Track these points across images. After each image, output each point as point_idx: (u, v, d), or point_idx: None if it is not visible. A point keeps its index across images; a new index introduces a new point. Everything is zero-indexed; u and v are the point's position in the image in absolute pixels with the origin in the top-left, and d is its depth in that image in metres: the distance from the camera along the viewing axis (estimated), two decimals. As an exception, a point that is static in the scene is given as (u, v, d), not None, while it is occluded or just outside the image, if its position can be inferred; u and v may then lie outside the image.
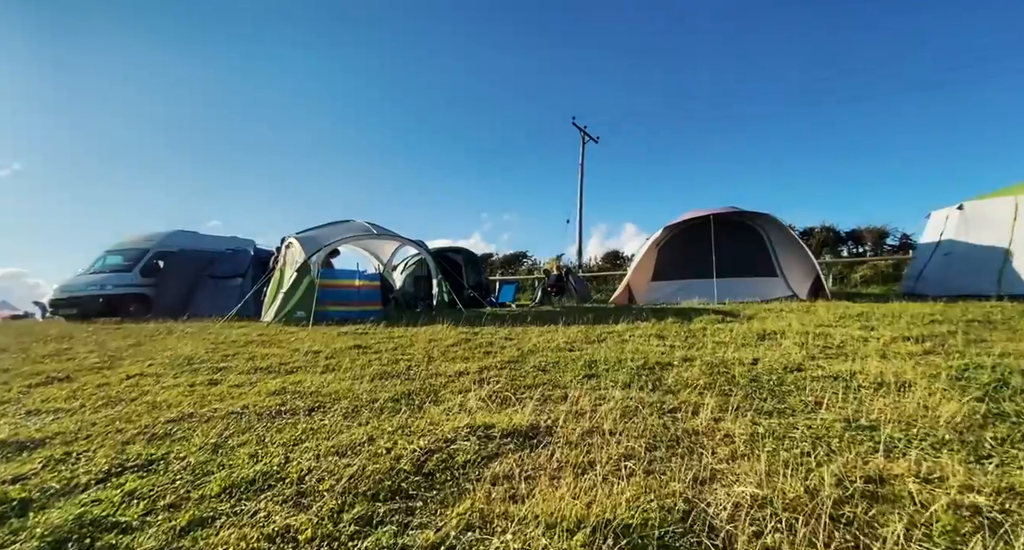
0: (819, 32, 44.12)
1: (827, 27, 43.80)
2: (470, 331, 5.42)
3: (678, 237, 9.27)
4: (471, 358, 3.73)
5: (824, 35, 44.16)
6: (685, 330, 4.75)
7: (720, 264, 8.41)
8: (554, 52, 60.03)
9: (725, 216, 8.73)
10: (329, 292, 7.41)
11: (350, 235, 8.09)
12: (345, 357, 3.94)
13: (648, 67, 56.00)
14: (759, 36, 50.86)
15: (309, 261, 7.37)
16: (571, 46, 59.44)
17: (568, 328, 5.28)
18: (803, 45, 45.20)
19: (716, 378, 2.73)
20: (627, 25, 55.82)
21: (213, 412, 2.43)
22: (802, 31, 44.63)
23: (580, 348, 3.96)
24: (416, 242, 9.29)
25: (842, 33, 44.68)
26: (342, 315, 7.40)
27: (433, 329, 5.71)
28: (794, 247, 8.28)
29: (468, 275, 13.64)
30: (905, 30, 40.95)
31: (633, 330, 4.88)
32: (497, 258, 22.24)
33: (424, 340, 4.79)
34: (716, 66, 51.78)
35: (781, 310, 6.24)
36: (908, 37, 40.14)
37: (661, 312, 6.48)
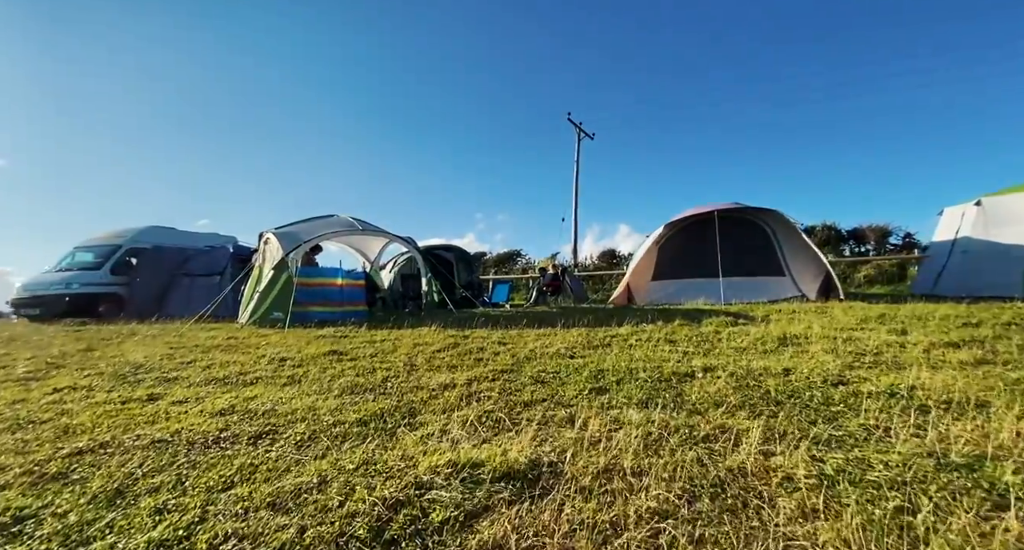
0: (818, 30, 44.12)
1: (826, 26, 43.79)
2: (460, 334, 4.98)
3: (680, 235, 8.89)
4: (459, 367, 3.28)
5: (823, 33, 44.18)
6: (696, 334, 4.34)
7: (725, 263, 8.04)
8: (550, 48, 59.65)
9: (729, 212, 8.37)
10: (309, 291, 6.92)
11: (332, 231, 7.60)
12: (315, 365, 3.48)
13: (645, 64, 55.82)
14: (758, 34, 50.84)
15: (287, 258, 6.87)
16: (567, 43, 59.11)
17: (567, 331, 4.85)
18: (802, 42, 45.19)
19: (748, 393, 2.32)
20: (624, 21, 55.59)
21: (135, 440, 1.97)
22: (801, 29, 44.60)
23: (583, 355, 3.54)
24: (405, 239, 8.82)
25: (843, 32, 44.66)
26: (323, 316, 6.92)
27: (419, 332, 5.26)
28: (801, 245, 7.94)
29: (460, 274, 13.17)
30: (907, 27, 40.85)
31: (639, 334, 4.47)
32: (491, 257, 21.79)
33: (408, 345, 4.33)
34: (713, 64, 51.70)
35: (794, 312, 5.87)
36: (911, 34, 40.03)
37: (666, 313, 6.08)
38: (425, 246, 12.55)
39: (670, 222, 8.87)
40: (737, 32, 49.97)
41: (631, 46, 56.00)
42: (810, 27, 44.30)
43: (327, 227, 7.78)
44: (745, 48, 51.45)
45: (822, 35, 44.55)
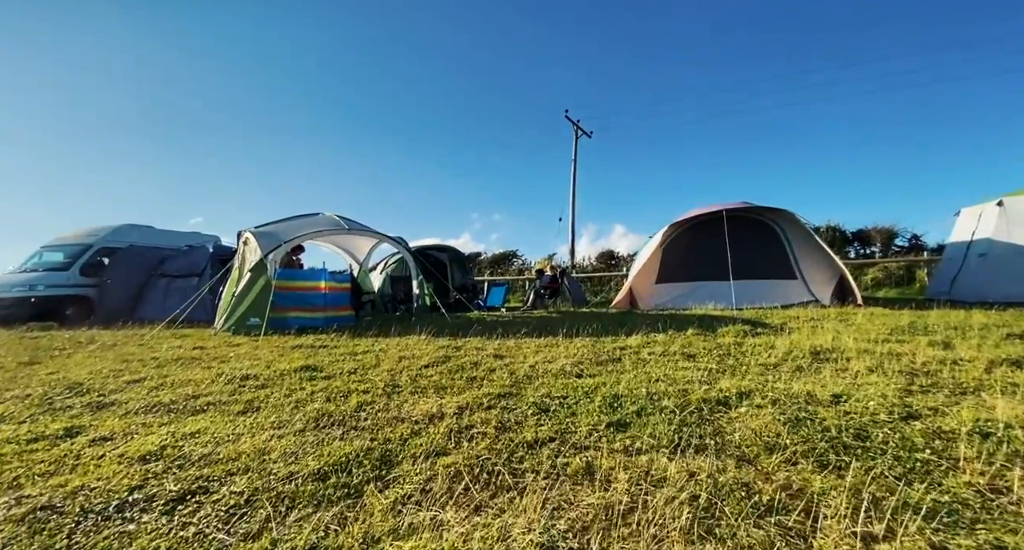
0: (818, 28, 44.02)
1: (827, 23, 43.61)
2: (452, 344, 4.52)
3: (685, 236, 8.49)
4: (449, 388, 2.83)
5: (824, 31, 44.09)
6: (715, 346, 3.92)
7: (734, 265, 7.66)
8: (545, 44, 59.28)
9: (738, 212, 7.98)
10: (289, 296, 6.43)
11: (316, 230, 7.11)
12: (282, 386, 3.01)
13: (641, 61, 55.62)
14: (754, 31, 50.80)
15: (265, 259, 6.38)
16: (563, 40, 58.77)
17: (570, 342, 4.42)
18: (801, 41, 45.09)
19: (803, 432, 1.89)
20: (618, 17, 55.34)
21: (10, 507, 1.49)
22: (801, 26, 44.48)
23: (591, 373, 3.10)
24: (395, 239, 8.34)
25: (845, 30, 44.51)
26: (304, 323, 6.43)
27: (407, 341, 4.80)
28: (813, 246, 7.57)
29: (454, 275, 12.71)
30: (911, 22, 40.60)
31: (651, 345, 4.04)
32: (486, 257, 21.34)
33: (393, 358, 3.87)
34: (709, 62, 51.58)
35: (812, 318, 5.48)
36: (917, 30, 39.80)
37: (676, 320, 5.66)
38: (417, 246, 12.08)
39: (675, 222, 8.48)
40: (735, 28, 49.87)
41: (628, 42, 55.76)
42: (810, 25, 44.19)
43: (311, 226, 7.29)
44: (742, 44, 51.38)
45: (822, 33, 44.49)
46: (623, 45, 55.14)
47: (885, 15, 43.08)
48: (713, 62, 50.28)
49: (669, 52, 52.08)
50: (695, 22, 48.62)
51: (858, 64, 41.50)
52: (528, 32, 56.21)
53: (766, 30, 48.14)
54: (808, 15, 43.08)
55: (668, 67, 51.25)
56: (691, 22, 48.61)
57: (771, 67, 45.52)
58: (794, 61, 43.70)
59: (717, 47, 51.06)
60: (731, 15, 48.00)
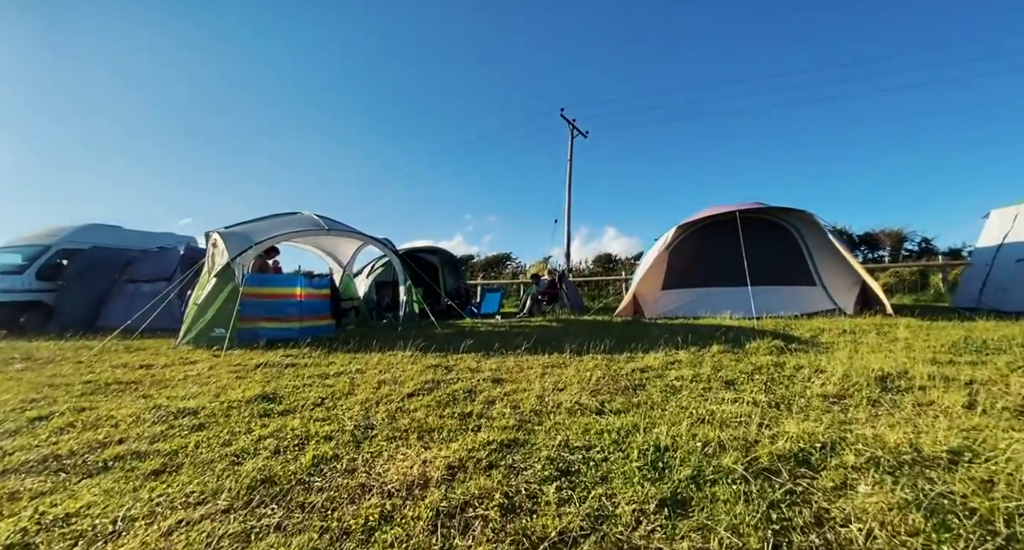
0: (820, 24, 43.84)
1: (828, 19, 43.34)
2: (442, 362, 3.91)
3: (693, 238, 7.96)
4: (437, 432, 2.22)
5: (825, 27, 43.94)
6: (751, 367, 3.35)
7: (750, 270, 7.14)
8: (540, 45, 59.01)
9: (751, 213, 7.47)
10: (259, 304, 5.77)
11: (292, 230, 6.46)
12: (224, 427, 2.38)
13: (636, 58, 55.49)
14: (754, 27, 50.83)
15: (232, 263, 5.72)
16: (558, 35, 58.54)
17: (580, 360, 3.83)
18: (803, 36, 44.97)
19: (959, 530, 1.31)
20: (614, 14, 55.21)
21: None
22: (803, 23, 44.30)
23: (615, 407, 2.51)
24: (380, 240, 7.71)
25: (850, 25, 44.26)
26: (277, 334, 5.77)
27: (390, 359, 4.18)
28: (833, 251, 7.06)
29: (445, 279, 12.08)
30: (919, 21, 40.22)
31: (677, 367, 3.46)
32: (479, 260, 20.73)
33: (370, 383, 3.25)
34: (707, 59, 51.54)
35: (845, 331, 4.95)
36: (925, 25, 39.40)
37: (693, 332, 5.10)
38: (405, 249, 11.44)
39: (683, 224, 7.94)
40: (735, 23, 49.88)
41: (621, 40, 55.65)
42: (812, 21, 44.10)
43: (286, 226, 6.63)
44: (740, 39, 51.46)
45: (824, 29, 44.53)
46: (618, 43, 55.02)
47: (887, 14, 43.20)
48: (709, 58, 50.27)
49: (665, 49, 52.05)
50: (694, 19, 48.62)
51: (858, 63, 41.49)
52: (522, 30, 55.89)
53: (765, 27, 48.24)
54: (808, 13, 43.07)
55: (662, 65, 51.18)
56: (690, 19, 48.60)
57: (768, 66, 45.56)
58: (793, 60, 43.73)
59: (715, 43, 51.10)
60: (730, 10, 48.01)
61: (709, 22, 48.40)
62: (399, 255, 7.79)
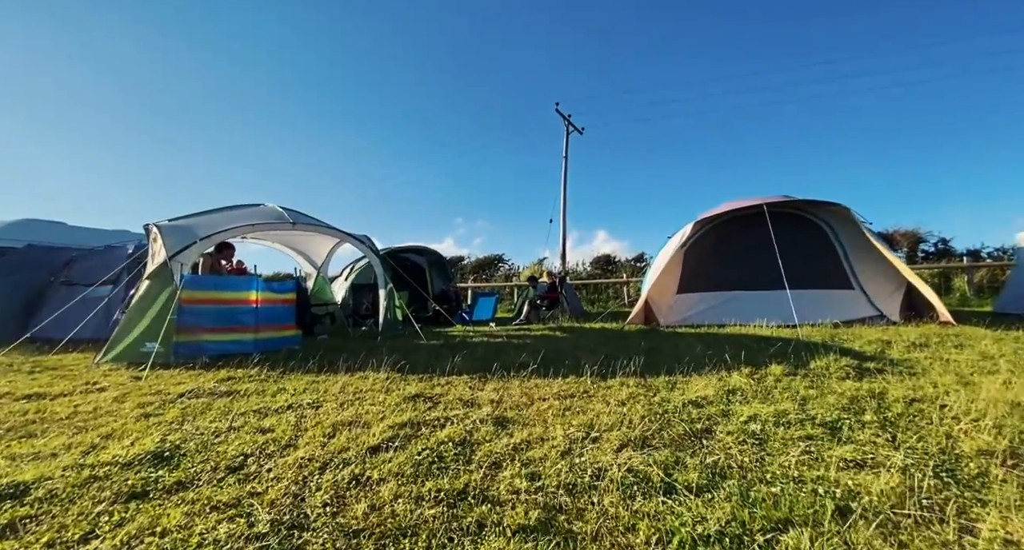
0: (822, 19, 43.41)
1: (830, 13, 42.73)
2: (425, 390, 3.01)
3: (712, 235, 7.18)
4: (411, 540, 1.33)
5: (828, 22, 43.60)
6: (840, 398, 2.52)
7: (770, 271, 6.39)
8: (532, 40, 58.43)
9: (778, 206, 6.70)
10: (204, 312, 4.79)
11: (247, 224, 5.48)
12: (50, 529, 1.45)
13: (629, 56, 55.22)
14: (753, 24, 50.74)
15: (170, 262, 4.74)
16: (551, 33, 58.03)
17: (606, 385, 2.96)
18: (803, 32, 44.63)
19: None
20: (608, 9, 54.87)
21: None
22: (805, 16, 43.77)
23: (692, 481, 1.64)
24: (357, 237, 6.76)
25: (857, 17, 43.85)
26: (226, 348, 4.80)
27: (359, 385, 3.26)
28: (871, 250, 6.34)
29: (434, 282, 11.15)
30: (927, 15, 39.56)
31: (737, 395, 2.61)
32: (469, 262, 19.79)
33: (324, 425, 2.34)
34: (701, 56, 51.43)
35: (914, 345, 4.17)
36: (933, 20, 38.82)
37: (732, 344, 4.27)
38: (389, 249, 10.49)
39: (700, 219, 7.15)
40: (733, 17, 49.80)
41: (612, 39, 55.36)
42: (814, 17, 43.84)
43: (243, 219, 5.66)
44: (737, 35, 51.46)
45: (825, 24, 44.43)
46: (613, 40, 54.69)
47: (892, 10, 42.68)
48: (705, 54, 50.15)
49: (660, 45, 51.84)
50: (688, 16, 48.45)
51: (860, 58, 41.25)
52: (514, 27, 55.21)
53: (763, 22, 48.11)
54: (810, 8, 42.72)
55: (656, 62, 50.96)
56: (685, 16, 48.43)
57: (763, 62, 45.47)
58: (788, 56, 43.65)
59: (712, 37, 51.00)
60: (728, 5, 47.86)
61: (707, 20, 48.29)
62: (379, 254, 6.85)
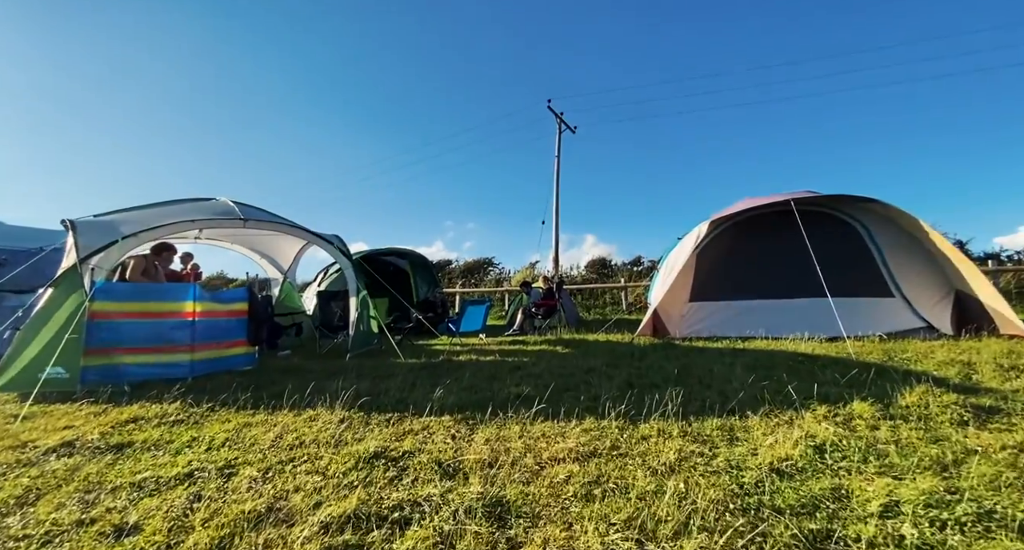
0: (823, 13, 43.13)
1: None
2: (391, 446, 2.18)
3: (727, 236, 6.47)
4: None
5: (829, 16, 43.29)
6: (986, 460, 1.75)
7: (800, 276, 5.69)
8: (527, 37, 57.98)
9: (804, 203, 6.01)
10: (121, 327, 3.90)
11: (186, 219, 4.58)
12: None
13: (620, 55, 55.04)
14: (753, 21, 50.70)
15: (80, 267, 3.85)
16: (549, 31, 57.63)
17: (638, 432, 2.16)
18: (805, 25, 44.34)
19: None
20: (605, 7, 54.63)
21: None
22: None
23: None
24: (324, 237, 5.89)
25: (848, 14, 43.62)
26: (152, 372, 3.91)
27: (304, 431, 2.41)
28: (914, 252, 5.69)
29: (418, 288, 10.28)
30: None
31: (832, 451, 1.83)
32: (458, 266, 18.93)
33: (219, 524, 1.49)
34: (694, 52, 51.39)
35: (1005, 367, 3.45)
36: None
37: (772, 364, 3.50)
38: (369, 251, 9.61)
39: (715, 218, 6.43)
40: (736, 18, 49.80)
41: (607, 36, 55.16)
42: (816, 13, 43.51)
43: (183, 214, 4.75)
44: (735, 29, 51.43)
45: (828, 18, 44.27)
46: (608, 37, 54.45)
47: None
48: (696, 50, 50.10)
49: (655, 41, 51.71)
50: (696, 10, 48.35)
51: (859, 53, 41.15)
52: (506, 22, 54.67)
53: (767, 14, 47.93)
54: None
55: (654, 57, 50.81)
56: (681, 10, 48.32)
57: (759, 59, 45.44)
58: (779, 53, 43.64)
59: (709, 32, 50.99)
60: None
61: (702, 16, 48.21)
62: (350, 257, 5.99)
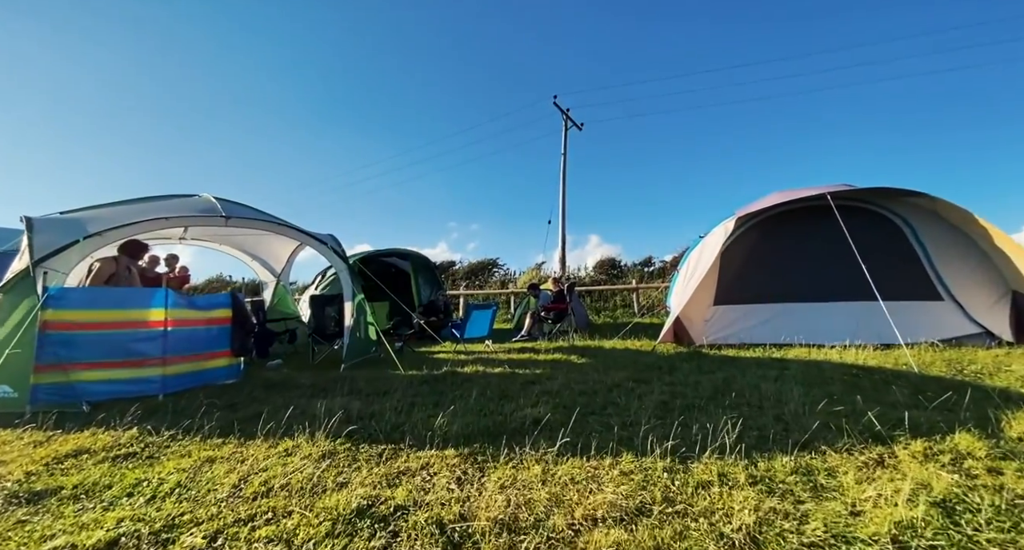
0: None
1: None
2: (381, 495, 1.71)
3: (754, 234, 5.98)
4: None
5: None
6: None
7: (842, 278, 5.22)
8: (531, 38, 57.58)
9: (842, 196, 5.50)
10: (79, 340, 3.45)
11: (160, 217, 4.13)
12: None
13: (622, 51, 54.52)
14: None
15: (33, 270, 3.41)
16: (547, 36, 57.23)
17: (698, 483, 1.68)
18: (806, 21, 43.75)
19: None
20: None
21: None
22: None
23: None
24: (317, 237, 5.43)
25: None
26: (118, 390, 3.47)
27: (273, 473, 1.95)
28: (964, 248, 5.18)
29: (420, 290, 9.82)
30: None
31: (942, 505, 1.34)
32: (461, 267, 18.46)
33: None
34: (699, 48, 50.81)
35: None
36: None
37: (833, 380, 3.01)
38: (369, 252, 9.17)
39: (744, 214, 5.94)
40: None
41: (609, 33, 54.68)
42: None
43: (157, 212, 4.31)
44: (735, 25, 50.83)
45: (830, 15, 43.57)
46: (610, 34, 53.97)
47: None
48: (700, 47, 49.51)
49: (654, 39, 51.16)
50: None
51: (863, 46, 40.29)
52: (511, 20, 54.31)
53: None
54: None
55: (654, 54, 50.25)
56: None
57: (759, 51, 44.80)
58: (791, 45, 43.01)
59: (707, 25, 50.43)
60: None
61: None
62: (345, 258, 5.53)
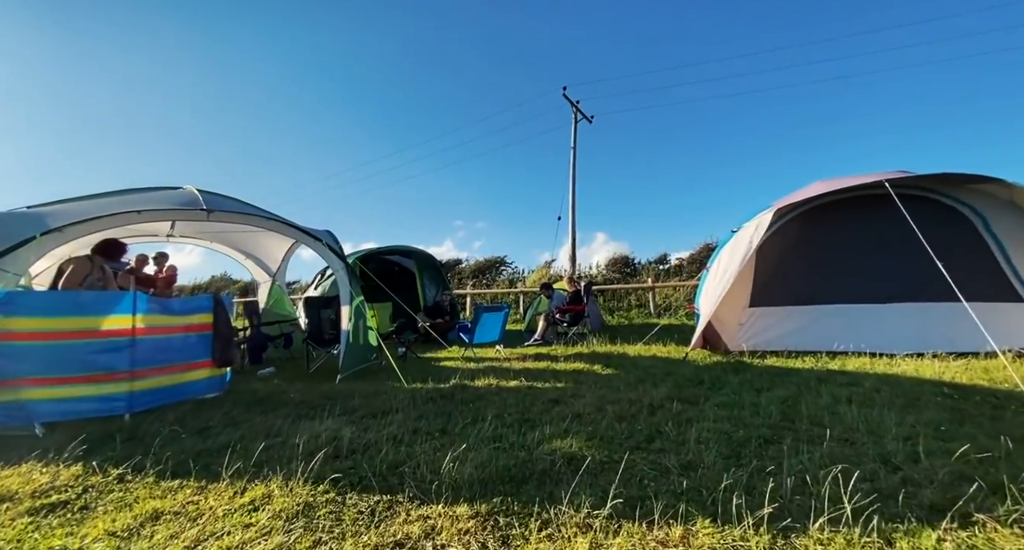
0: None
1: None
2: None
3: (797, 228, 5.40)
4: None
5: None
6: None
7: (899, 275, 4.64)
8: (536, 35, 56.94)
9: (901, 184, 4.90)
10: (27, 351, 3.00)
11: (132, 210, 3.66)
12: None
13: (632, 45, 53.66)
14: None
15: (-21, 270, 2.96)
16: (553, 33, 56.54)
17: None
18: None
19: None
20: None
21: None
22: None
23: None
24: (311, 233, 4.95)
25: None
26: (76, 409, 3.02)
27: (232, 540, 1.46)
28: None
29: (425, 290, 9.35)
30: None
31: None
32: (468, 265, 17.98)
33: None
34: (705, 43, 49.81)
35: None
36: None
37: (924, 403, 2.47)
38: (370, 250, 8.72)
39: (783, 205, 5.35)
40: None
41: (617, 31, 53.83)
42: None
43: (131, 205, 3.85)
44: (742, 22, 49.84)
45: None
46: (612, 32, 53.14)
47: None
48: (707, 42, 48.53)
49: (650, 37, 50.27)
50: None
51: (871, 33, 39.25)
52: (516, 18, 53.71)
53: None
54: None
55: (655, 51, 49.34)
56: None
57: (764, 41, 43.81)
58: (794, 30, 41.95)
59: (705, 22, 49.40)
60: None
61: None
62: (342, 256, 5.06)
